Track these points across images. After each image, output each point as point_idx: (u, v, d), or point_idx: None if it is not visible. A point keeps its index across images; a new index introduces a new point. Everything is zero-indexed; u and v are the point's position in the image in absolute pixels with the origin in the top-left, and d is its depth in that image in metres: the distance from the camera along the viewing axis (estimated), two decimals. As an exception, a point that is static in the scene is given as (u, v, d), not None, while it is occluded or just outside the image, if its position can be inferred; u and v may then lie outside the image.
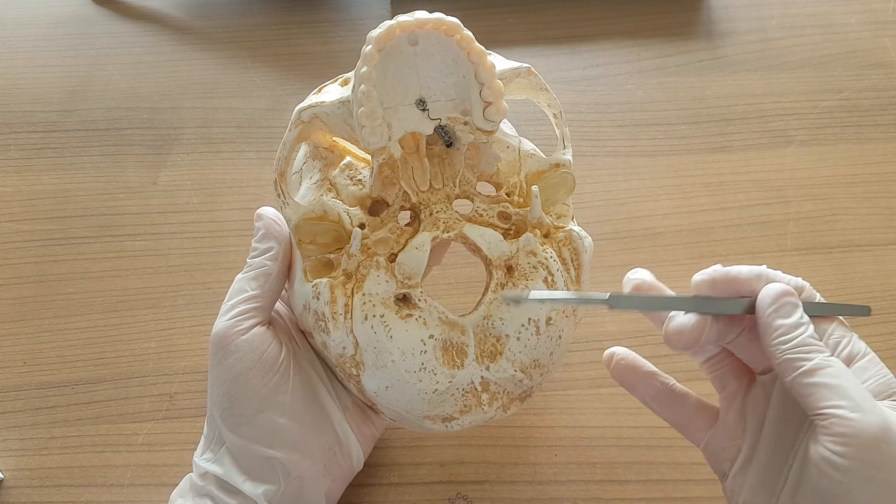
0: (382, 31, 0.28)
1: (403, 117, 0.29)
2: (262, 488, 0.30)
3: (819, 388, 0.26)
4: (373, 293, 0.29)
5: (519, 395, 0.31)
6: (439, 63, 0.29)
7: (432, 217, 0.30)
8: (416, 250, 0.29)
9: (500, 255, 0.30)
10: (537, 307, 0.30)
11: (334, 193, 0.32)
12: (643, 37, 0.56)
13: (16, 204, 0.48)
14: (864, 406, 0.25)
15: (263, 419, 0.30)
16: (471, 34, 0.29)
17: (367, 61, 0.28)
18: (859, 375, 0.27)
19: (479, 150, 0.31)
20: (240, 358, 0.30)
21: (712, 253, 0.45)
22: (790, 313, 0.27)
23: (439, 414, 0.30)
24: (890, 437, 0.24)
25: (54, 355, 0.41)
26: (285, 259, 0.32)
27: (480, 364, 0.30)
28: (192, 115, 0.52)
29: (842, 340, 0.28)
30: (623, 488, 0.36)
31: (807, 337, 0.27)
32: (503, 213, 0.31)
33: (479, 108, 0.29)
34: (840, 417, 0.25)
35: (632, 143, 0.50)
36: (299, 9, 0.59)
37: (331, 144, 0.33)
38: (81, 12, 0.59)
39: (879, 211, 0.46)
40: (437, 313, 0.30)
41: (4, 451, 0.38)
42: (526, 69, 0.32)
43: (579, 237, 0.32)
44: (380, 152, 0.29)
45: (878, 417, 0.24)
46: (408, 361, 0.29)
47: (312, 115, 0.30)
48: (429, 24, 0.28)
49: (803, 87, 0.53)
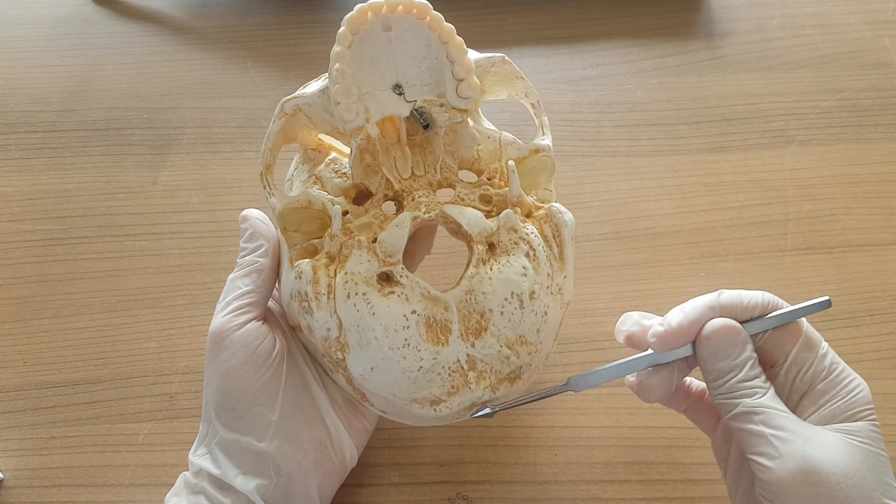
0: (354, 13, 0.29)
1: (380, 101, 0.30)
2: (255, 483, 0.30)
3: (745, 435, 0.27)
4: (355, 272, 0.29)
5: (507, 374, 0.31)
6: (413, 48, 0.30)
7: (414, 202, 0.31)
8: (397, 227, 0.30)
9: (481, 232, 0.30)
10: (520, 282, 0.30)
11: (320, 186, 0.32)
12: (643, 37, 0.56)
13: (16, 204, 0.48)
14: (784, 451, 0.26)
15: (255, 413, 0.30)
16: (440, 15, 0.29)
17: (340, 41, 0.29)
18: (814, 402, 0.28)
19: (456, 133, 0.32)
20: (234, 353, 0.30)
21: (712, 253, 0.45)
22: (722, 356, 0.28)
23: (426, 396, 0.30)
24: (811, 479, 0.25)
25: (54, 355, 0.41)
26: (275, 255, 0.33)
27: (465, 341, 0.30)
28: (192, 115, 0.52)
29: (805, 361, 0.28)
30: (623, 488, 0.36)
31: (737, 381, 0.28)
32: (484, 195, 0.32)
33: (452, 86, 0.30)
34: (760, 465, 0.26)
35: (632, 143, 0.50)
36: (299, 9, 0.59)
37: (318, 145, 0.34)
38: (81, 12, 0.59)
39: (879, 211, 0.46)
40: (420, 289, 0.30)
41: (4, 451, 0.38)
42: (500, 57, 0.33)
43: (559, 212, 0.32)
44: (357, 132, 0.30)
45: (797, 463, 0.25)
46: (391, 338, 0.29)
47: (295, 106, 0.31)
48: (399, 7, 0.29)
49: (803, 87, 0.53)
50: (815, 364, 0.28)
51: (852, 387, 0.28)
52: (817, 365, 0.28)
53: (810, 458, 0.25)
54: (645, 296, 0.43)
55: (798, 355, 0.28)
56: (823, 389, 0.28)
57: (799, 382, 0.28)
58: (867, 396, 0.28)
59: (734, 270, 0.44)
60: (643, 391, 0.31)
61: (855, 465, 0.25)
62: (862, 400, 0.27)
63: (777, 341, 0.29)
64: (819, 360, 0.28)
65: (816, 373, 0.28)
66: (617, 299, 0.43)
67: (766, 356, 0.29)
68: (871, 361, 0.40)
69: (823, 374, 0.28)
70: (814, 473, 0.25)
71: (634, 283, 0.43)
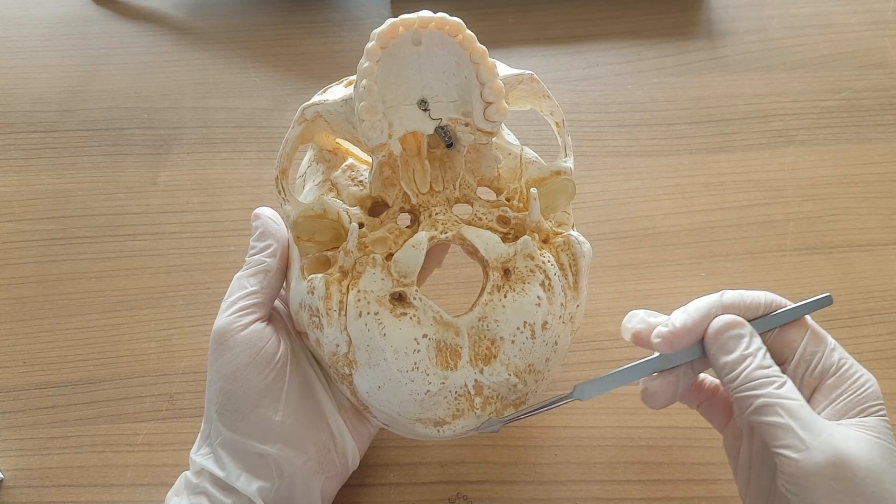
0: (386, 28, 0.28)
1: (405, 116, 0.29)
2: (256, 485, 0.30)
3: (769, 428, 0.26)
4: (368, 290, 0.29)
5: (513, 401, 0.31)
6: (442, 64, 0.29)
7: (431, 219, 0.30)
8: (413, 248, 0.29)
9: (498, 258, 0.30)
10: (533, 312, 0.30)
11: (335, 193, 0.32)
12: (643, 37, 0.56)
13: (16, 204, 0.48)
14: (812, 443, 0.25)
15: (258, 415, 0.30)
16: (473, 35, 0.29)
17: (369, 56, 0.28)
18: (826, 396, 0.28)
19: (479, 153, 0.31)
20: (238, 353, 0.30)
21: (712, 253, 0.45)
22: (733, 348, 0.28)
23: (431, 417, 0.30)
24: (839, 473, 0.24)
25: (54, 355, 0.41)
26: (283, 256, 0.32)
27: (474, 367, 0.29)
28: (191, 115, 0.52)
29: (814, 357, 0.28)
30: (623, 488, 0.36)
31: (752, 370, 0.27)
32: (502, 217, 0.31)
33: (479, 108, 0.29)
34: (787, 458, 0.25)
35: (632, 143, 0.50)
36: (299, 9, 0.59)
37: (334, 147, 0.33)
38: (81, 12, 0.59)
39: (879, 211, 0.46)
40: (432, 313, 0.29)
41: (4, 451, 0.38)
42: (529, 76, 0.32)
43: (578, 242, 0.32)
44: (379, 149, 0.29)
45: (825, 454, 0.25)
46: (400, 360, 0.29)
47: (316, 112, 0.31)
48: (432, 24, 0.28)
49: (803, 87, 0.53)
50: (823, 359, 0.28)
51: (862, 382, 0.28)
52: (826, 360, 0.28)
53: (839, 450, 0.25)
54: (645, 296, 0.43)
55: (806, 351, 0.28)
56: (834, 384, 0.28)
57: (809, 378, 0.28)
58: (877, 391, 0.27)
59: (734, 270, 0.44)
60: (649, 398, 0.30)
61: (876, 459, 0.25)
62: (873, 395, 0.27)
63: (784, 339, 0.29)
64: (827, 355, 0.28)
65: (826, 368, 0.28)
66: (617, 299, 0.43)
67: (775, 355, 0.29)
68: (871, 361, 0.40)
69: (833, 369, 0.28)
70: (842, 467, 0.24)
71: (634, 283, 0.43)
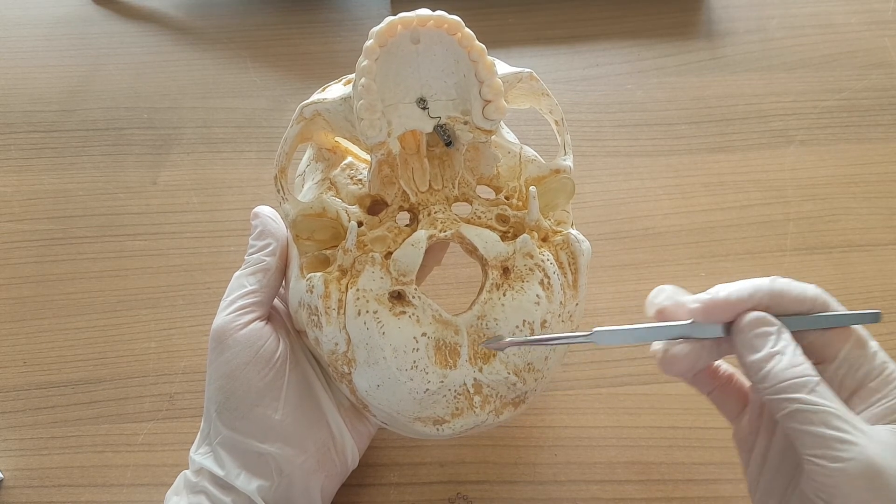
0: (384, 26, 0.28)
1: (404, 115, 0.29)
2: (256, 484, 0.30)
3: (802, 435, 0.25)
4: (367, 289, 0.29)
5: (512, 399, 0.31)
6: (441, 62, 0.29)
7: (430, 217, 0.30)
8: (412, 247, 0.29)
9: (497, 256, 0.30)
10: (532, 310, 0.30)
11: (334, 192, 0.32)
12: (643, 37, 0.56)
13: (16, 204, 0.48)
14: (848, 455, 0.24)
15: (258, 414, 0.30)
16: (471, 33, 0.29)
17: (367, 55, 0.28)
18: (865, 399, 0.27)
19: (478, 151, 0.31)
20: (237, 352, 0.30)
21: (712, 253, 0.45)
22: (760, 346, 0.27)
23: (430, 416, 0.30)
24: (875, 485, 0.24)
25: (54, 355, 0.41)
26: (283, 255, 0.32)
27: (473, 365, 0.29)
28: (191, 115, 0.52)
29: (857, 361, 0.27)
30: (623, 488, 0.36)
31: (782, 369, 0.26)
32: (501, 215, 0.31)
33: (478, 106, 0.29)
34: (820, 467, 0.25)
35: (632, 143, 0.50)
36: (299, 9, 0.59)
37: (333, 146, 0.33)
38: (81, 12, 0.59)
39: (879, 211, 0.46)
40: (431, 311, 0.29)
41: (4, 451, 0.38)
42: (528, 74, 0.32)
43: (577, 241, 0.32)
44: (378, 147, 0.29)
45: (861, 465, 0.24)
46: (399, 359, 0.29)
47: (315, 111, 0.31)
48: (430, 22, 0.28)
49: (803, 87, 0.53)
50: (866, 362, 0.27)
51: None
52: (869, 363, 0.27)
53: (875, 461, 0.24)
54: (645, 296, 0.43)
55: (850, 353, 0.28)
56: (875, 388, 0.27)
57: (850, 380, 0.28)
58: None
59: (734, 270, 0.44)
60: (668, 361, 0.29)
61: None
62: None
63: (827, 339, 0.28)
64: (870, 358, 0.28)
65: (868, 371, 0.27)
66: (617, 299, 0.43)
67: (815, 354, 0.28)
68: (871, 361, 0.40)
69: (875, 372, 0.27)
70: (878, 478, 0.24)
71: (634, 283, 0.43)
